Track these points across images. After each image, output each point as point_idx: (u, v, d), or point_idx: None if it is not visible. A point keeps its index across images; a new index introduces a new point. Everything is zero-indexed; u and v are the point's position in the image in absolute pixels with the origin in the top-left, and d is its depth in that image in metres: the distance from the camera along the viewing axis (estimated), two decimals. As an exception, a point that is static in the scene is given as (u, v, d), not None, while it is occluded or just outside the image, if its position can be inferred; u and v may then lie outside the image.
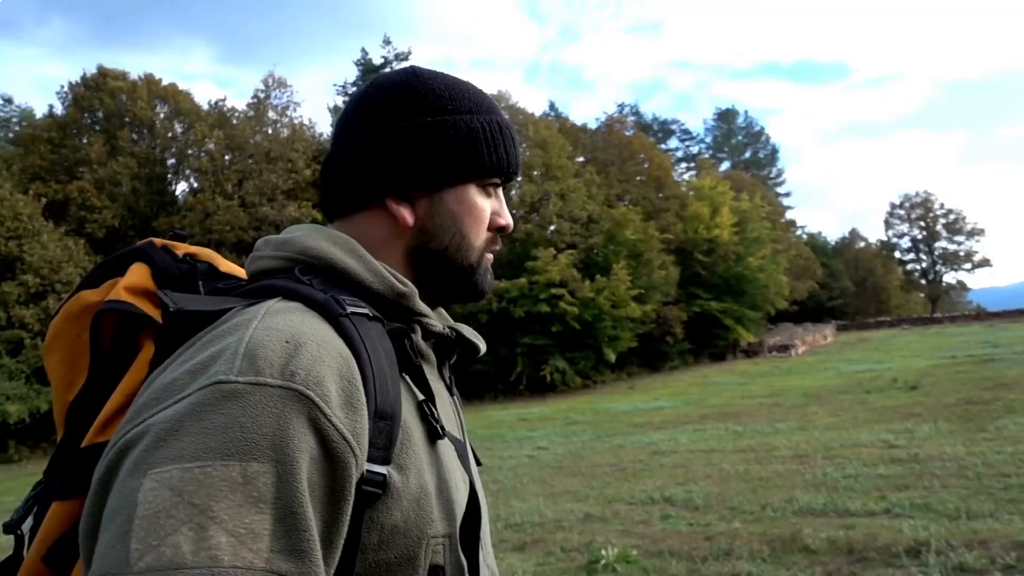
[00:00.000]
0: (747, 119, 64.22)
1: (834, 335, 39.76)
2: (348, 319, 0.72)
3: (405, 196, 0.85)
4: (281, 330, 0.67)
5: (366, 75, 41.67)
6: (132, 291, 0.80)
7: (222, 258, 0.93)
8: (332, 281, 0.78)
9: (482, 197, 0.88)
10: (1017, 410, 10.30)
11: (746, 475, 7.94)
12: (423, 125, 0.84)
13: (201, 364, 0.65)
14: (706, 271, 35.11)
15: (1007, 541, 4.42)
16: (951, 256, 58.60)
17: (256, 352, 0.64)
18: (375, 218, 0.86)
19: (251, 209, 25.71)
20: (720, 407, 16.81)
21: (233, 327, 0.69)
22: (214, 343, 0.67)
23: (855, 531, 5.09)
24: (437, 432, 0.77)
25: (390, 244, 0.86)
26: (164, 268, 0.85)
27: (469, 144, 0.85)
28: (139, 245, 0.89)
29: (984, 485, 6.08)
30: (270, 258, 0.83)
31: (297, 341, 0.66)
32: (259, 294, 0.77)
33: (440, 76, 0.88)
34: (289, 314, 0.70)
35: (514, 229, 0.93)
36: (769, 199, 46.88)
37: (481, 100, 0.88)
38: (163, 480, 0.57)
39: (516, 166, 0.90)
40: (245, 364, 0.63)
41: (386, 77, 0.89)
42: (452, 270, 0.87)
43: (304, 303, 0.73)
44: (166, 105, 27.48)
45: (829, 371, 22.66)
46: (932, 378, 16.30)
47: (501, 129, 0.88)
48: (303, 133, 29.11)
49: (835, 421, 12.05)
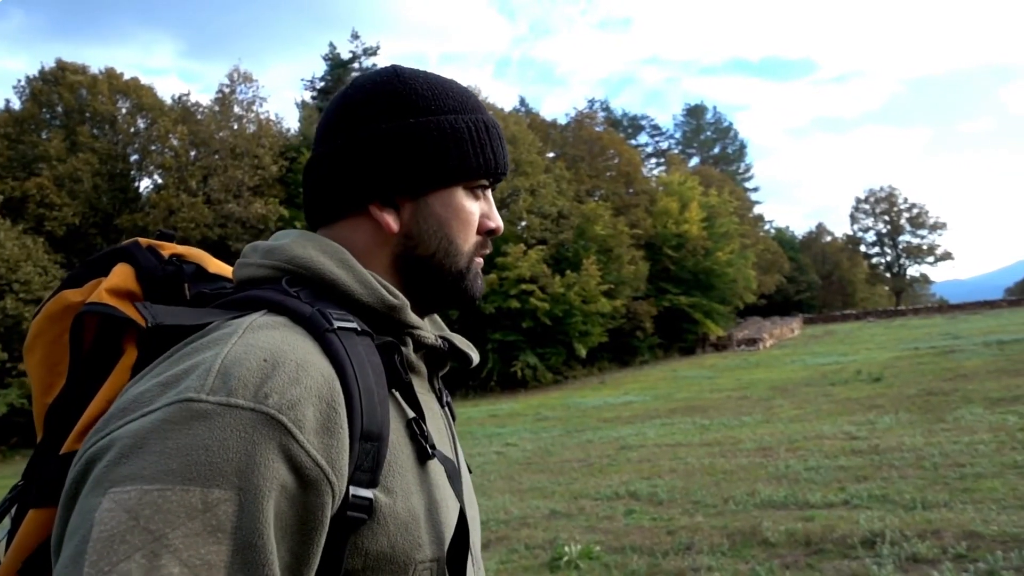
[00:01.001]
0: (716, 115, 64.82)
1: (801, 328, 40.34)
2: (335, 334, 0.69)
3: (389, 201, 0.81)
4: (261, 347, 0.64)
5: (334, 70, 41.24)
6: (114, 293, 0.77)
7: (211, 258, 0.89)
8: (320, 293, 0.75)
9: (470, 200, 0.84)
10: (974, 400, 10.53)
11: (711, 468, 8.00)
12: (406, 127, 0.80)
13: (173, 378, 0.62)
14: (675, 266, 35.40)
15: (959, 531, 4.50)
16: (914, 250, 59.88)
17: (231, 370, 0.61)
18: (359, 225, 0.82)
19: (216, 206, 25.33)
20: (688, 401, 16.96)
21: (212, 341, 0.66)
22: (190, 356, 0.64)
23: (814, 523, 5.15)
24: (427, 452, 0.75)
25: (376, 252, 0.82)
26: (149, 269, 0.81)
27: (454, 145, 0.81)
28: (124, 245, 0.85)
29: (940, 475, 6.19)
30: (257, 266, 0.79)
31: (275, 360, 0.63)
32: (244, 305, 0.73)
33: (423, 75, 0.85)
34: (272, 330, 0.67)
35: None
36: (737, 194, 47.39)
37: (466, 99, 0.85)
38: (121, 501, 0.55)
39: (504, 166, 0.87)
40: (218, 382, 0.60)
41: (367, 78, 0.85)
42: (441, 277, 0.84)
43: (290, 317, 0.70)
44: (128, 100, 26.92)
45: (796, 364, 22.99)
46: (895, 370, 16.61)
47: (487, 128, 0.85)
48: (270, 128, 28.74)
49: (799, 414, 12.23)
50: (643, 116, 69.85)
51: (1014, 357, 15.55)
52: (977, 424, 8.58)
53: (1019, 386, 11.26)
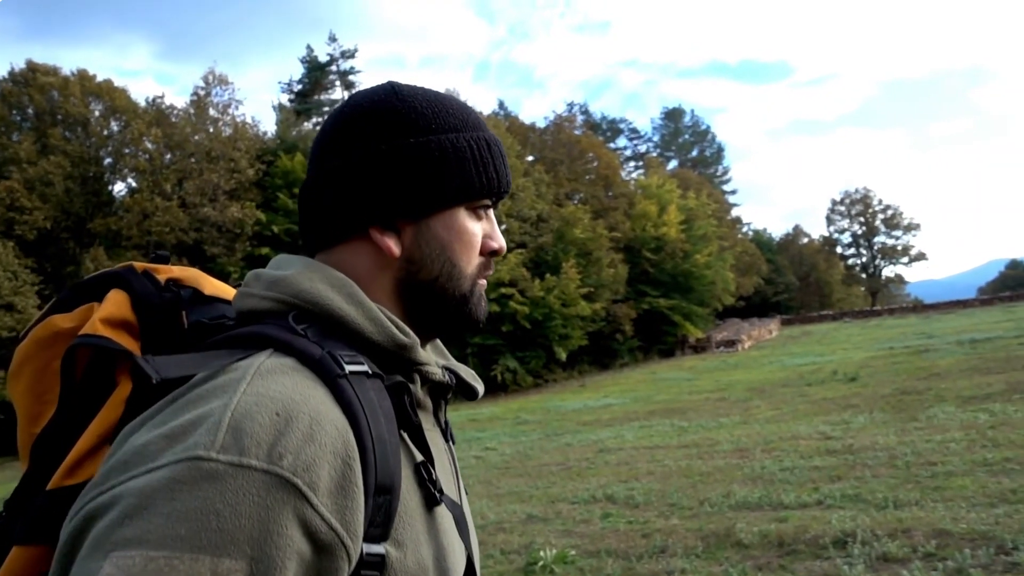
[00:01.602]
0: (694, 118, 65.32)
1: (779, 329, 40.68)
2: (346, 380, 0.66)
3: (390, 225, 0.78)
4: (272, 398, 0.60)
5: (311, 72, 41.02)
6: (109, 323, 0.74)
7: (207, 278, 0.86)
8: (328, 330, 0.72)
9: (472, 220, 0.82)
10: (947, 399, 10.66)
11: (687, 471, 8.02)
12: (406, 147, 0.77)
13: (180, 430, 0.58)
14: (654, 268, 35.58)
15: (929, 529, 4.53)
16: (889, 250, 60.69)
17: (242, 425, 0.58)
18: (359, 250, 0.79)
19: (192, 210, 25.07)
20: (667, 403, 17.03)
21: (220, 388, 0.62)
22: (197, 405, 0.61)
23: (787, 524, 5.17)
24: (435, 498, 0.72)
25: (377, 277, 0.79)
26: (145, 296, 0.78)
27: (456, 165, 0.78)
28: (118, 269, 0.82)
29: (912, 474, 6.25)
30: (260, 298, 0.75)
31: (288, 414, 0.60)
32: (249, 343, 0.69)
33: (421, 92, 0.82)
34: (282, 376, 0.63)
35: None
36: (715, 197, 47.76)
37: (466, 116, 0.82)
38: (124, 567, 0.52)
39: (507, 184, 0.84)
40: (228, 439, 0.57)
41: (363, 95, 0.82)
42: (444, 301, 0.81)
43: (298, 359, 0.67)
44: (101, 102, 26.55)
45: (774, 365, 23.17)
46: (870, 369, 16.79)
47: (489, 146, 0.82)
48: (246, 132, 28.49)
49: (776, 414, 12.31)
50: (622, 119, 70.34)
51: (985, 355, 15.78)
52: (949, 422, 8.68)
53: (990, 384, 11.42)
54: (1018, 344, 16.90)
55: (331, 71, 41.25)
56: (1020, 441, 6.87)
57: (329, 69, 41.14)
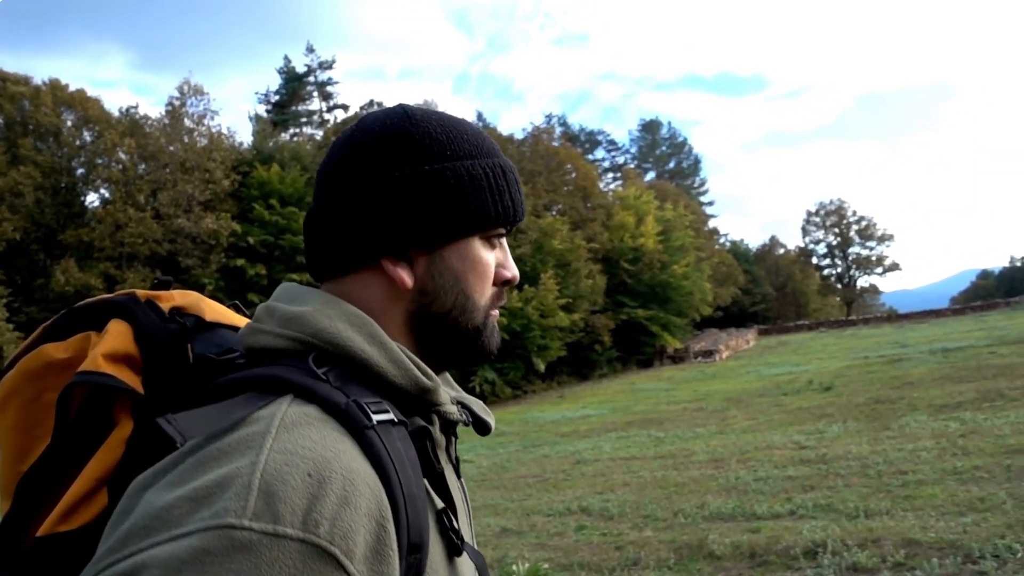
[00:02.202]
0: (671, 130, 65.86)
1: (756, 339, 40.99)
2: (374, 431, 0.62)
3: (403, 255, 0.75)
4: (302, 456, 0.57)
5: (289, 83, 40.85)
6: (112, 359, 0.69)
7: (207, 302, 0.82)
8: (349, 372, 0.68)
9: (486, 250, 0.79)
10: (919, 408, 10.76)
11: (663, 482, 8.01)
12: (421, 174, 0.74)
13: (205, 492, 0.54)
14: (632, 279, 35.73)
15: (898, 539, 4.54)
16: (864, 261, 61.50)
17: (274, 489, 0.54)
18: (370, 281, 0.76)
19: (166, 221, 24.78)
20: (645, 413, 17.04)
21: (243, 443, 0.58)
22: (220, 462, 0.56)
23: (759, 535, 5.16)
24: (458, 548, 0.69)
25: (389, 309, 0.76)
26: (149, 329, 0.73)
27: (472, 193, 0.75)
28: (119, 298, 0.77)
29: (883, 483, 6.28)
30: (274, 336, 0.71)
31: (321, 475, 0.56)
32: (266, 387, 0.65)
33: (435, 116, 0.79)
34: (308, 428, 0.60)
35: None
36: (692, 208, 48.14)
37: (481, 142, 0.79)
38: None
39: (522, 212, 0.81)
40: (260, 505, 0.53)
41: (374, 119, 0.78)
42: (457, 334, 0.78)
43: (321, 407, 0.62)
44: (73, 112, 26.20)
45: (751, 374, 23.31)
46: (845, 379, 16.93)
47: (504, 173, 0.79)
48: (221, 142, 28.25)
49: (752, 424, 12.36)
50: (600, 131, 70.55)
51: (957, 364, 15.98)
52: (921, 431, 8.75)
53: (961, 392, 11.55)
54: (989, 353, 17.15)
55: (308, 82, 41.13)
56: (989, 449, 6.93)
57: (306, 80, 41.01)
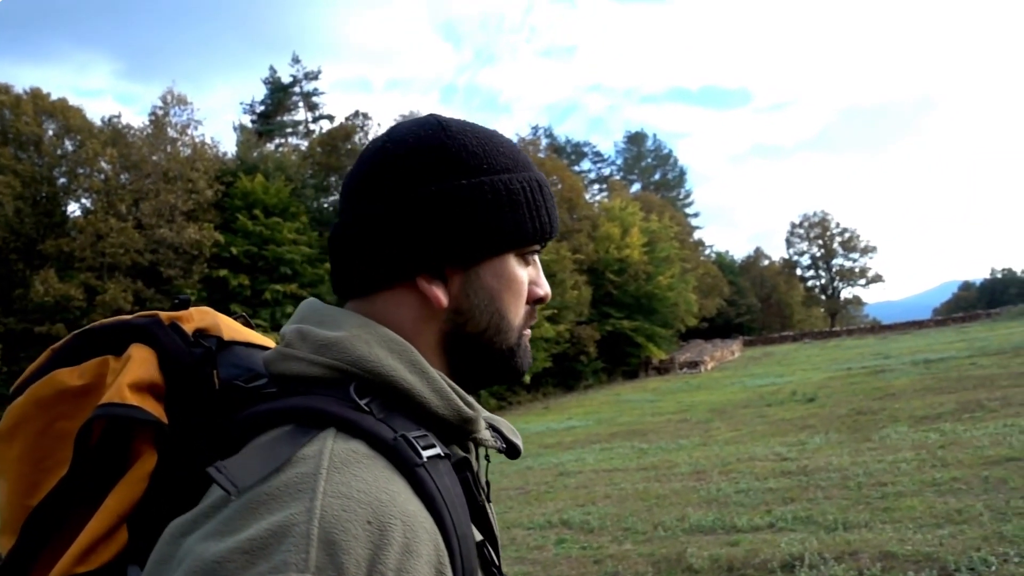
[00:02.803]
0: (656, 142, 66.22)
1: (741, 350, 41.14)
2: (424, 469, 0.60)
3: (438, 273, 0.72)
4: (358, 500, 0.54)
5: (274, 94, 40.74)
6: (137, 389, 0.65)
7: (222, 319, 0.78)
8: (391, 403, 0.65)
9: (520, 267, 0.76)
10: (900, 419, 10.80)
11: (644, 494, 7.97)
12: (458, 188, 0.71)
13: (259, 543, 0.51)
14: (618, 290, 35.79)
15: (876, 552, 4.53)
16: (847, 272, 61.98)
17: (334, 538, 0.51)
18: (402, 300, 0.73)
19: (147, 231, 24.55)
20: (629, 425, 17.02)
21: (293, 487, 0.54)
22: (270, 508, 0.53)
23: (738, 548, 5.13)
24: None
25: (422, 330, 0.73)
26: (175, 355, 0.69)
27: (510, 209, 0.72)
28: (140, 321, 0.72)
29: (863, 495, 6.27)
30: (308, 363, 0.67)
31: (380, 521, 0.53)
32: (306, 419, 0.61)
33: (470, 128, 0.76)
34: (359, 468, 0.57)
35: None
36: (678, 219, 48.36)
37: (516, 156, 0.77)
38: None
39: (556, 229, 0.79)
40: (322, 557, 0.50)
41: (407, 130, 0.75)
42: (491, 355, 0.75)
43: (368, 443, 0.60)
44: (54, 121, 25.97)
45: (735, 386, 23.36)
46: (828, 390, 17.00)
47: (541, 188, 0.76)
48: (205, 152, 28.08)
49: (735, 435, 12.35)
50: (586, 143, 70.99)
51: (939, 375, 16.09)
52: (901, 442, 8.77)
53: (942, 404, 11.61)
54: (970, 364, 17.27)
55: (294, 92, 41.04)
56: (968, 460, 6.95)
57: (292, 90, 40.92)
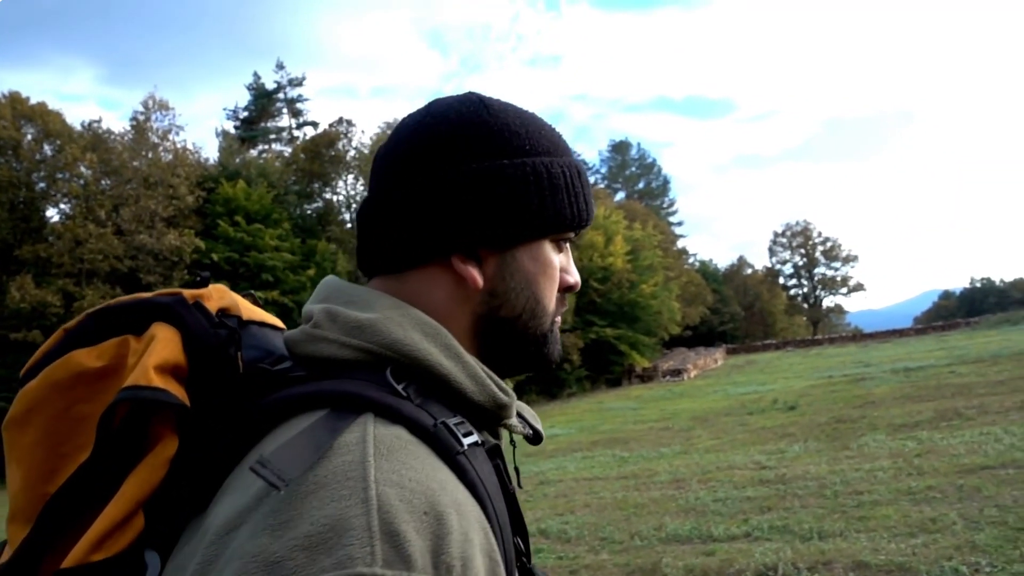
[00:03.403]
0: (640, 151, 66.53)
1: (724, 358, 41.30)
2: (465, 457, 0.59)
3: (473, 253, 0.70)
4: (412, 490, 0.52)
5: (258, 100, 40.57)
6: (162, 371, 0.62)
7: (239, 298, 0.75)
8: (427, 388, 0.64)
9: (555, 253, 0.75)
10: (879, 427, 10.86)
11: (623, 503, 7.93)
12: (499, 168, 0.69)
13: (318, 538, 0.49)
14: (601, 298, 35.83)
15: (849, 561, 4.52)
16: (829, 281, 62.49)
17: (397, 529, 0.49)
18: (436, 279, 0.71)
19: (127, 237, 24.32)
20: (611, 433, 16.98)
21: (341, 476, 0.52)
22: (322, 500, 0.51)
23: (713, 557, 5.10)
24: (531, 572, 0.67)
25: (454, 312, 0.71)
26: (201, 336, 0.66)
27: (550, 193, 0.71)
28: (163, 299, 0.69)
29: (839, 504, 6.27)
30: (340, 345, 0.65)
31: (436, 511, 0.52)
32: (342, 404, 0.59)
33: (512, 108, 0.74)
34: (405, 455, 0.55)
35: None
36: (661, 228, 48.58)
37: (557, 140, 0.75)
38: None
39: (592, 218, 0.77)
40: (388, 550, 0.48)
41: (448, 107, 0.73)
42: (524, 340, 0.74)
43: (408, 429, 0.58)
44: (33, 125, 25.69)
45: (718, 394, 23.42)
46: (809, 398, 17.08)
47: (580, 175, 0.75)
48: (186, 158, 27.89)
49: (716, 444, 12.36)
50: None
51: (918, 383, 16.22)
52: (879, 451, 8.80)
53: (920, 411, 11.68)
54: (949, 372, 17.43)
55: (278, 99, 40.90)
56: (944, 469, 6.98)
57: (276, 96, 40.78)
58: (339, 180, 34.51)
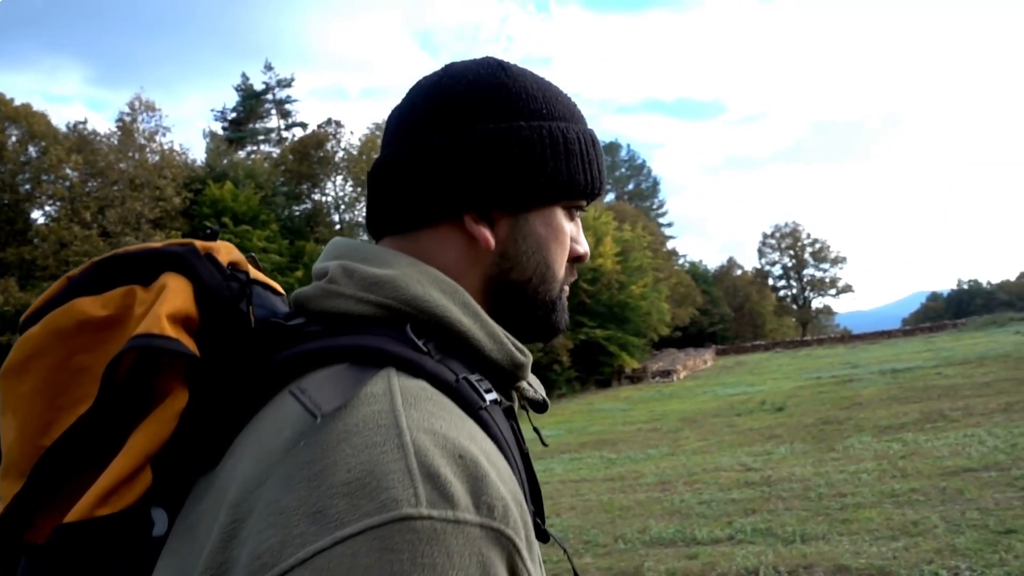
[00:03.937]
0: (630, 152, 66.73)
1: (714, 359, 41.41)
2: (487, 412, 0.59)
3: (485, 214, 0.70)
4: (443, 436, 0.52)
5: (246, 101, 40.37)
6: (176, 320, 0.60)
7: (243, 256, 0.73)
8: (446, 346, 0.63)
9: (566, 220, 0.75)
10: (865, 429, 10.89)
11: (608, 505, 7.91)
12: (516, 130, 0.69)
13: (357, 484, 0.48)
14: (591, 299, 35.85)
15: (830, 564, 4.51)
16: (817, 282, 62.77)
17: (437, 472, 0.49)
18: (448, 238, 0.70)
19: (113, 239, 24.13)
20: (600, 434, 16.97)
21: (370, 422, 0.51)
22: (355, 446, 0.50)
23: (696, 561, 5.08)
24: (544, 534, 0.66)
25: (466, 272, 0.70)
26: (213, 288, 0.64)
27: (565, 158, 0.71)
28: (175, 249, 0.66)
29: (823, 506, 6.26)
30: (356, 300, 0.64)
31: (469, 456, 0.52)
32: (362, 358, 0.58)
33: (529, 73, 0.74)
34: (431, 405, 0.54)
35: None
36: (651, 229, 48.68)
37: (572, 107, 0.75)
38: None
39: (604, 188, 0.77)
40: (430, 491, 0.48)
41: (466, 68, 0.73)
42: (532, 305, 0.74)
43: (430, 383, 0.57)
44: (18, 127, 25.47)
45: (707, 395, 23.46)
46: (797, 399, 17.12)
47: (594, 143, 0.75)
48: (173, 159, 27.72)
49: (703, 445, 12.36)
50: (561, 152, 71.21)
51: (905, 385, 16.29)
52: (864, 453, 8.82)
53: (906, 413, 11.73)
54: (935, 374, 17.51)
55: (267, 100, 40.72)
56: (927, 471, 6.99)
57: (265, 98, 40.60)
58: (327, 181, 34.42)
